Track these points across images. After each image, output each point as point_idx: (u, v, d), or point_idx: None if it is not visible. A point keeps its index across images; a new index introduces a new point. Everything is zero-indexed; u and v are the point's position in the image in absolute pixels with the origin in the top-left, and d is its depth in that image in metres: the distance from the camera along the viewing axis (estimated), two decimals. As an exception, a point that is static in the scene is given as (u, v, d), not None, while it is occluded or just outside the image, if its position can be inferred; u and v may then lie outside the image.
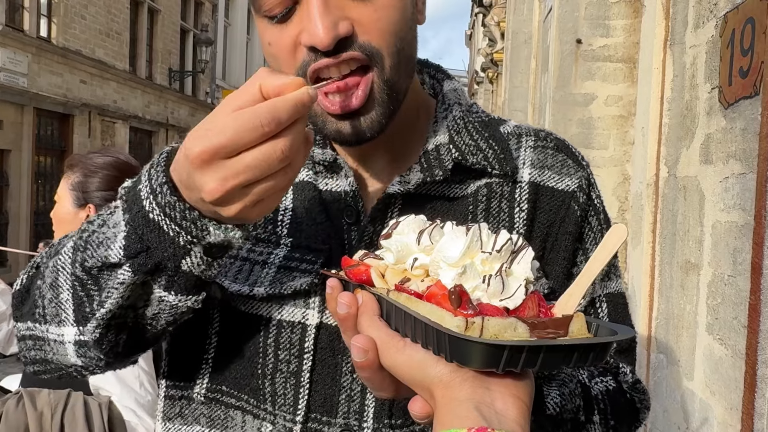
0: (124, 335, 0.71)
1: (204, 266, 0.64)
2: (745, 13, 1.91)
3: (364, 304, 0.56)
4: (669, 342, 2.50)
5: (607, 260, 0.53)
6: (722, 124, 2.07)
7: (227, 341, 0.78)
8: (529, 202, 0.78)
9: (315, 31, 0.65)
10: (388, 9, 0.69)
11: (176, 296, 0.66)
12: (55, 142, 12.48)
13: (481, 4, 12.61)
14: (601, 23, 4.66)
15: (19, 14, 11.33)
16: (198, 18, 18.04)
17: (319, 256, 0.74)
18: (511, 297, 0.51)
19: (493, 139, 0.79)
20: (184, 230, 0.61)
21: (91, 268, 0.67)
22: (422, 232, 0.57)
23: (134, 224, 0.63)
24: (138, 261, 0.64)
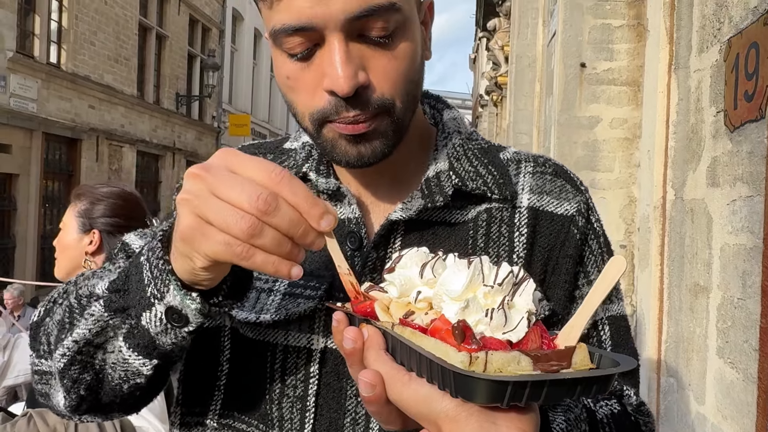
0: (88, 376, 0.72)
1: (160, 328, 0.64)
2: (749, 37, 1.93)
3: (370, 339, 0.57)
4: (679, 366, 2.49)
5: (607, 292, 0.54)
6: (728, 147, 2.08)
7: (238, 368, 0.80)
8: (529, 227, 0.80)
9: (337, 79, 0.68)
10: (403, 58, 0.72)
11: (128, 350, 0.68)
12: (63, 167, 12.59)
13: (484, 29, 12.75)
14: (605, 47, 4.71)
15: (29, 41, 11.52)
16: (205, 43, 18.28)
17: (323, 282, 0.76)
18: (514, 330, 0.52)
19: (493, 165, 0.82)
20: (154, 280, 0.63)
21: (81, 297, 0.71)
22: (425, 265, 0.58)
23: (131, 264, 0.67)
24: (112, 297, 0.67)
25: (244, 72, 21.33)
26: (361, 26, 0.68)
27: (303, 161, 0.83)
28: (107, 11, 13.42)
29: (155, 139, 15.66)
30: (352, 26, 0.68)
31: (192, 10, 17.20)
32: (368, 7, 0.67)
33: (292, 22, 0.68)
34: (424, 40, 0.77)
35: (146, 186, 15.56)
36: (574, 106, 4.76)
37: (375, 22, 0.68)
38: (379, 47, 0.70)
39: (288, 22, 0.68)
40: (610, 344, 0.82)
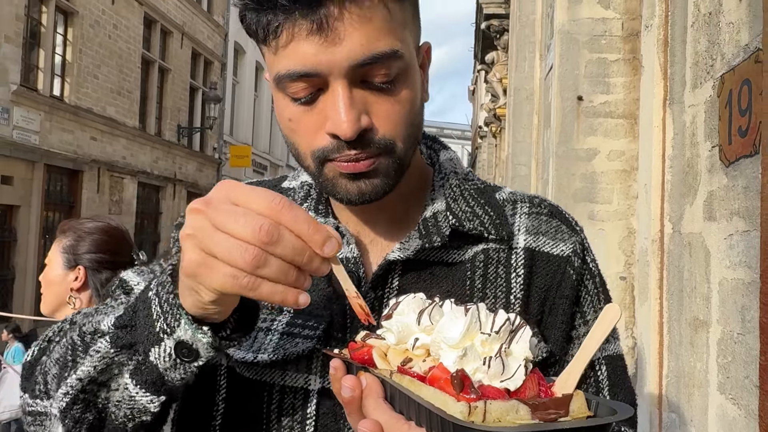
0: (91, 416, 0.70)
1: (169, 364, 0.64)
2: (741, 74, 1.96)
3: (369, 387, 0.57)
4: (681, 401, 2.46)
5: (602, 339, 0.55)
6: (724, 181, 2.09)
7: (234, 407, 0.79)
8: (525, 268, 0.81)
9: (340, 123, 0.69)
10: (404, 103, 0.74)
11: (135, 387, 0.67)
12: (63, 198, 12.63)
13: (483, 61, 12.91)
14: (601, 80, 4.77)
15: (33, 74, 11.67)
16: (207, 76, 18.51)
17: (321, 322, 0.76)
18: (512, 378, 0.52)
19: (489, 206, 0.83)
20: (163, 315, 0.62)
21: (85, 334, 0.69)
22: (422, 312, 0.58)
23: (138, 300, 0.66)
24: (119, 333, 0.66)
25: (245, 104, 21.55)
26: (364, 73, 0.70)
27: (302, 200, 0.84)
28: (111, 45, 13.62)
29: (156, 171, 15.74)
30: (355, 73, 0.70)
31: (195, 44, 17.46)
32: (372, 55, 0.69)
33: (297, 68, 0.69)
34: (422, 83, 0.79)
35: (147, 217, 15.60)
36: (572, 139, 4.80)
37: (378, 68, 0.70)
38: (382, 92, 0.72)
39: (293, 68, 0.70)
40: (607, 384, 0.82)
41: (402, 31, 0.73)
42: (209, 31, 18.45)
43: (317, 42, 0.68)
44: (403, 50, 0.72)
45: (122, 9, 14.01)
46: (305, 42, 0.68)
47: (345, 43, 0.68)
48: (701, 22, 2.33)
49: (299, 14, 0.68)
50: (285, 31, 0.69)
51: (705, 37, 2.29)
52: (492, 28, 10.90)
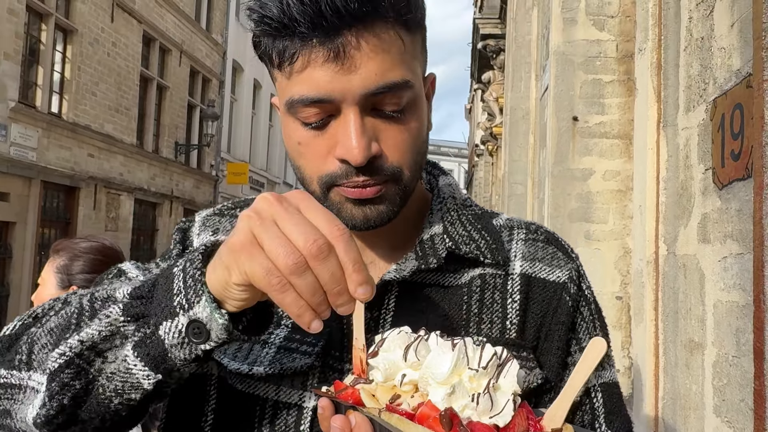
0: (78, 384, 0.68)
1: (177, 341, 0.63)
2: (733, 99, 1.98)
3: (358, 427, 0.57)
4: (677, 423, 2.45)
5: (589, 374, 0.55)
6: (717, 204, 2.10)
7: (223, 420, 0.78)
8: (521, 293, 0.81)
9: (351, 149, 0.71)
10: (412, 131, 0.76)
11: (135, 359, 0.65)
12: (60, 215, 12.61)
13: (479, 81, 13.01)
14: (596, 101, 4.81)
15: (32, 91, 11.70)
16: (205, 94, 18.59)
17: (319, 339, 0.76)
18: (501, 413, 0.52)
19: (486, 231, 0.84)
20: (185, 290, 0.62)
21: (96, 299, 0.69)
22: (408, 347, 0.59)
23: (160, 275, 0.66)
24: (133, 303, 0.66)
25: (243, 121, 21.62)
26: (376, 101, 0.72)
27: None
28: (110, 63, 13.69)
29: (153, 188, 15.74)
30: (367, 101, 0.71)
31: (193, 62, 17.55)
32: (385, 85, 0.71)
33: (311, 94, 0.71)
34: (427, 113, 0.81)
35: (143, 234, 15.56)
36: (567, 159, 4.83)
37: (389, 98, 0.72)
38: (392, 121, 0.74)
39: (306, 94, 0.71)
40: (603, 411, 0.82)
41: (412, 62, 0.75)
42: (208, 49, 18.56)
43: (333, 69, 0.69)
44: (414, 81, 0.74)
45: (121, 27, 14.10)
46: (321, 69, 0.70)
47: (360, 72, 0.70)
48: (694, 47, 2.36)
49: (317, 41, 0.69)
50: (301, 58, 0.70)
51: (698, 61, 2.32)
52: (488, 48, 11.00)
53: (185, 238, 0.90)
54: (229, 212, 0.92)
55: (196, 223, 0.92)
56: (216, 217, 0.91)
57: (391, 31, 0.72)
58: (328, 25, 0.68)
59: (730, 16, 2.01)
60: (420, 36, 0.78)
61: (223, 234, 0.88)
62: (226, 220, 0.91)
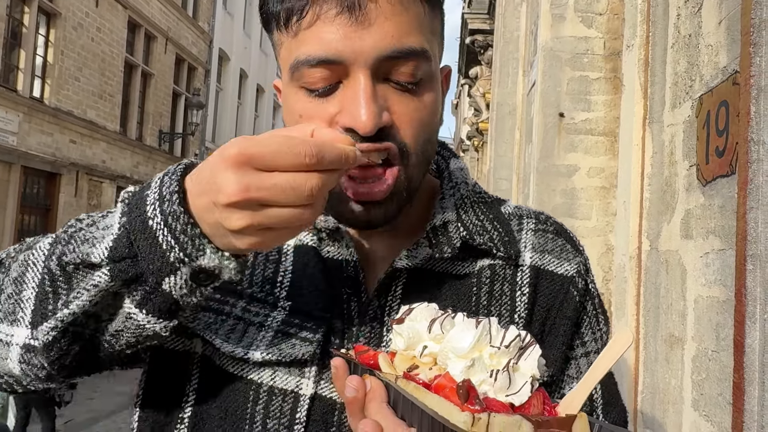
0: (77, 347, 0.65)
1: (186, 290, 0.60)
2: (719, 96, 2.00)
3: (373, 391, 0.56)
4: (656, 417, 2.48)
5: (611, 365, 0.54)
6: (701, 200, 2.12)
7: (207, 402, 0.74)
8: (530, 286, 0.79)
9: (359, 116, 0.64)
10: (426, 109, 0.70)
11: (146, 316, 0.61)
12: (40, 201, 12.44)
13: (467, 76, 13.02)
14: (583, 98, 4.83)
15: (13, 75, 11.51)
16: (190, 82, 18.42)
17: (321, 325, 0.73)
18: (517, 393, 0.52)
19: (498, 221, 0.81)
20: (179, 245, 0.58)
21: (68, 264, 0.62)
22: (434, 320, 0.58)
23: (129, 228, 0.60)
24: (120, 266, 0.60)
25: (228, 111, 21.46)
26: (390, 68, 0.66)
27: None
28: (93, 48, 13.50)
29: (136, 176, 15.58)
30: (380, 66, 0.65)
31: (179, 50, 17.37)
32: (402, 49, 0.65)
33: (319, 53, 0.65)
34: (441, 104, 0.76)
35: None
36: (553, 155, 4.85)
37: (405, 65, 0.66)
38: (405, 92, 0.68)
39: (314, 53, 0.65)
40: (601, 402, 0.82)
41: (431, 37, 0.70)
42: (194, 37, 18.38)
43: (345, 24, 0.64)
44: (432, 54, 0.69)
45: (106, 12, 13.90)
46: (332, 24, 0.64)
47: (375, 30, 0.64)
48: (681, 44, 2.38)
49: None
50: (311, 11, 0.65)
51: (685, 58, 2.33)
52: (476, 43, 11.01)
53: None
54: None
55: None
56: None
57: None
58: None
59: (718, 13, 2.03)
60: (439, 15, 0.73)
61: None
62: None
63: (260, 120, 24.76)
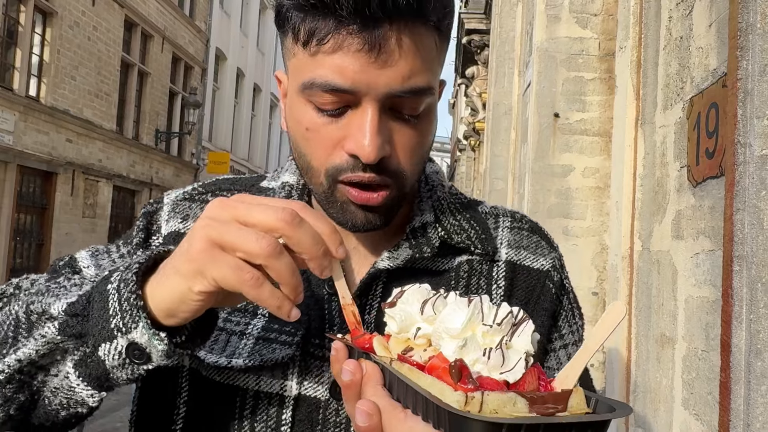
0: (23, 396, 0.66)
1: (118, 362, 0.62)
2: (709, 98, 2.02)
3: (368, 374, 0.57)
4: (647, 416, 2.50)
5: (605, 337, 0.54)
6: (692, 201, 2.14)
7: (198, 412, 0.77)
8: (506, 280, 0.83)
9: (363, 146, 0.68)
10: (424, 137, 0.75)
11: (77, 378, 0.64)
12: (36, 200, 12.42)
13: (463, 76, 13.04)
14: (578, 98, 4.85)
15: (9, 74, 11.49)
16: (187, 81, 18.40)
17: (299, 328, 0.75)
18: (512, 370, 0.52)
19: (474, 220, 0.85)
20: (121, 313, 0.60)
21: (32, 312, 0.66)
22: (426, 302, 0.58)
23: (94, 290, 0.63)
24: (69, 322, 0.63)
25: (225, 110, 21.45)
26: (396, 103, 0.70)
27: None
28: (90, 47, 13.48)
29: (132, 175, 15.57)
30: (388, 100, 0.69)
31: (176, 49, 17.35)
32: (410, 88, 0.69)
33: (336, 81, 0.68)
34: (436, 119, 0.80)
35: (121, 221, 15.39)
36: (548, 155, 4.87)
37: (411, 102, 0.70)
38: (407, 125, 0.72)
39: (331, 80, 0.68)
40: None
41: (436, 68, 0.74)
42: (191, 36, 18.36)
43: (365, 60, 0.67)
44: (435, 88, 0.73)
45: (103, 11, 13.88)
46: (352, 57, 0.67)
47: (390, 70, 0.68)
48: (673, 46, 2.39)
49: (355, 28, 0.66)
50: (333, 40, 0.67)
51: (676, 60, 2.35)
52: (473, 43, 11.03)
53: (151, 224, 0.87)
54: (199, 197, 0.89)
55: (165, 207, 0.89)
56: (186, 202, 0.89)
57: (428, 34, 0.70)
58: (370, 14, 0.65)
59: (708, 16, 2.05)
60: (446, 43, 0.77)
61: (192, 221, 0.86)
62: (197, 205, 0.88)
63: (257, 119, 24.74)
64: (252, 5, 23.79)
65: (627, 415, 0.52)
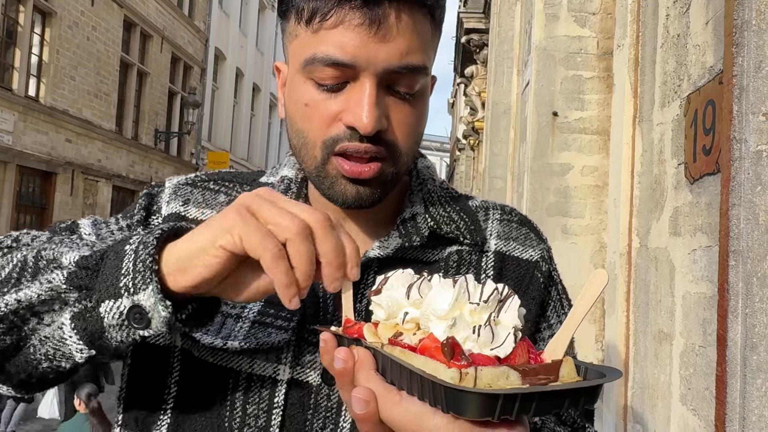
0: (9, 339, 0.66)
1: (116, 322, 0.62)
2: (706, 95, 2.03)
3: (360, 360, 0.58)
4: (645, 412, 2.51)
5: (590, 305, 0.55)
6: (689, 198, 2.15)
7: (189, 392, 0.78)
8: (495, 270, 0.85)
9: (361, 118, 0.71)
10: (418, 116, 0.78)
11: (71, 330, 0.64)
12: (36, 200, 12.43)
13: (462, 75, 13.04)
14: (576, 97, 4.86)
15: (8, 74, 11.49)
16: (186, 81, 18.40)
17: (294, 314, 0.76)
18: (501, 346, 0.53)
19: (464, 212, 0.87)
20: (134, 273, 0.61)
21: (41, 258, 0.67)
22: (411, 286, 0.59)
23: (110, 249, 0.65)
24: (79, 273, 0.64)
25: (224, 110, 21.45)
26: (393, 79, 0.73)
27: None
28: (89, 47, 13.48)
29: (132, 175, 15.57)
30: (385, 76, 0.72)
31: (175, 49, 17.36)
32: (407, 65, 0.73)
33: (337, 55, 0.71)
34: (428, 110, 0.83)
35: (120, 221, 15.40)
36: (547, 153, 4.87)
37: (406, 79, 0.74)
38: (402, 101, 0.75)
39: (332, 54, 0.71)
40: None
41: (431, 54, 0.77)
42: (190, 36, 18.36)
43: (364, 35, 0.70)
44: (429, 69, 0.76)
45: (102, 11, 13.89)
46: (353, 32, 0.70)
47: (389, 45, 0.71)
48: (670, 44, 2.41)
49: (357, 4, 0.70)
50: (335, 16, 0.71)
51: (673, 58, 2.36)
52: (472, 42, 11.03)
53: (152, 204, 0.88)
54: (202, 184, 0.90)
55: (167, 190, 0.89)
56: (188, 187, 0.89)
57: (424, 18, 0.74)
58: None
59: (705, 14, 2.06)
60: (439, 32, 0.79)
61: (193, 205, 0.87)
62: (198, 191, 0.89)
63: (256, 119, 24.74)
64: (251, 5, 23.79)
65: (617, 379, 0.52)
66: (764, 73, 1.48)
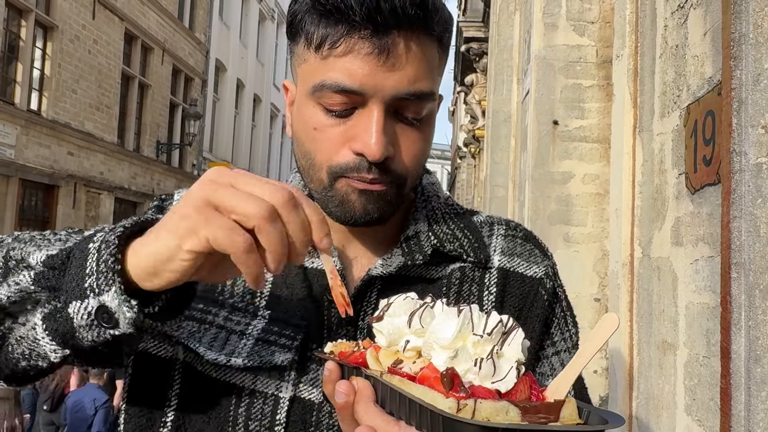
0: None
1: (86, 322, 0.62)
2: (706, 105, 2.03)
3: (360, 392, 0.58)
4: (650, 423, 2.50)
5: (597, 349, 0.54)
6: (690, 208, 2.15)
7: (190, 406, 0.78)
8: (498, 286, 0.84)
9: (370, 145, 0.72)
10: (424, 141, 0.79)
11: (43, 332, 0.64)
12: (38, 213, 12.46)
13: (463, 83, 13.08)
14: (576, 105, 4.87)
15: (11, 88, 11.55)
16: (187, 93, 18.46)
17: (298, 332, 0.77)
18: (503, 380, 0.52)
19: (468, 229, 0.87)
20: (97, 273, 0.61)
21: (10, 258, 0.67)
22: (413, 313, 0.59)
23: (76, 246, 0.64)
24: (46, 274, 0.64)
25: (225, 121, 21.51)
26: (401, 105, 0.74)
27: None
28: (90, 60, 13.55)
29: (134, 187, 15.61)
30: (393, 103, 0.73)
31: (175, 61, 17.43)
32: (415, 92, 0.74)
33: (346, 83, 0.72)
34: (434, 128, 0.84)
35: (123, 233, 15.42)
36: (548, 162, 4.88)
37: (413, 105, 0.75)
38: (409, 127, 0.76)
39: (341, 81, 0.72)
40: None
41: (437, 77, 0.79)
42: (190, 48, 18.45)
43: (373, 64, 0.71)
44: (436, 94, 0.78)
45: (103, 24, 13.96)
46: (362, 60, 0.71)
47: (397, 74, 0.72)
48: (669, 54, 2.42)
49: (366, 33, 0.71)
50: (344, 44, 0.72)
51: (672, 68, 2.37)
52: (471, 51, 11.07)
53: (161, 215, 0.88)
54: None
55: (176, 202, 0.89)
56: None
57: (432, 45, 0.75)
58: (381, 21, 0.70)
59: (703, 25, 2.07)
60: (446, 57, 0.81)
61: None
62: None
63: (257, 130, 24.80)
64: (251, 16, 23.90)
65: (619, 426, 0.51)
66: (762, 86, 1.48)
